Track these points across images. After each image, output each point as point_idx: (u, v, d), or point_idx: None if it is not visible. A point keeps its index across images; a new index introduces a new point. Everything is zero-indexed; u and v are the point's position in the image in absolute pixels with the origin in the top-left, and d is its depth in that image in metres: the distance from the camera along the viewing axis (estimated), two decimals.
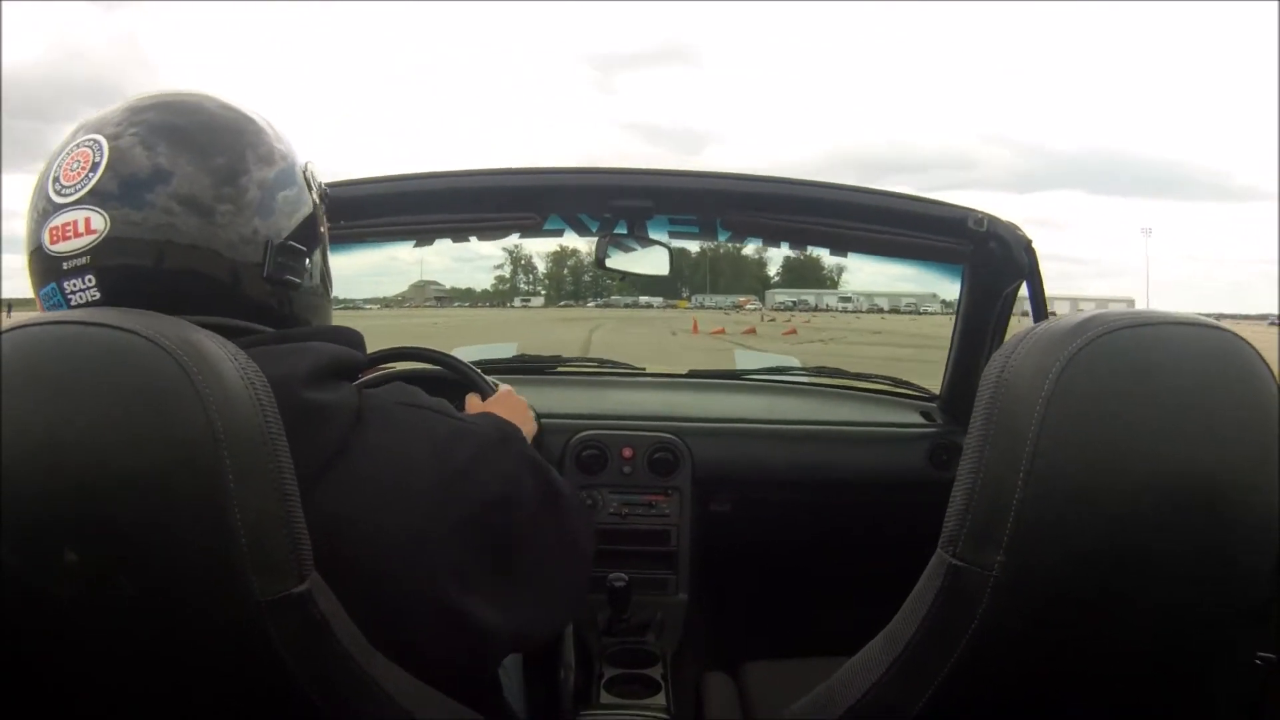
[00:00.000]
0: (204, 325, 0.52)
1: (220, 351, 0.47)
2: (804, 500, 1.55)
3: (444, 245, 1.42)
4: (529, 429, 0.90)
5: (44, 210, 0.56)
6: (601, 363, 1.94)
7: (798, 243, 1.40)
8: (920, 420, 1.64)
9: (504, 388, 1.02)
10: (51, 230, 0.56)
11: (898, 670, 0.56)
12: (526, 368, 1.85)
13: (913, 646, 0.55)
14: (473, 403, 0.98)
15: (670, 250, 1.37)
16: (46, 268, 0.56)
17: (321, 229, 0.68)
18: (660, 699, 1.17)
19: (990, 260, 1.31)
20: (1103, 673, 0.51)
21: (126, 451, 0.42)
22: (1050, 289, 1.29)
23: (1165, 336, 0.49)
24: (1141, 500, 0.47)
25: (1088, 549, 0.48)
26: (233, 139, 0.60)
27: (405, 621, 0.57)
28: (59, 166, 0.57)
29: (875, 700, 0.57)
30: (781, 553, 1.67)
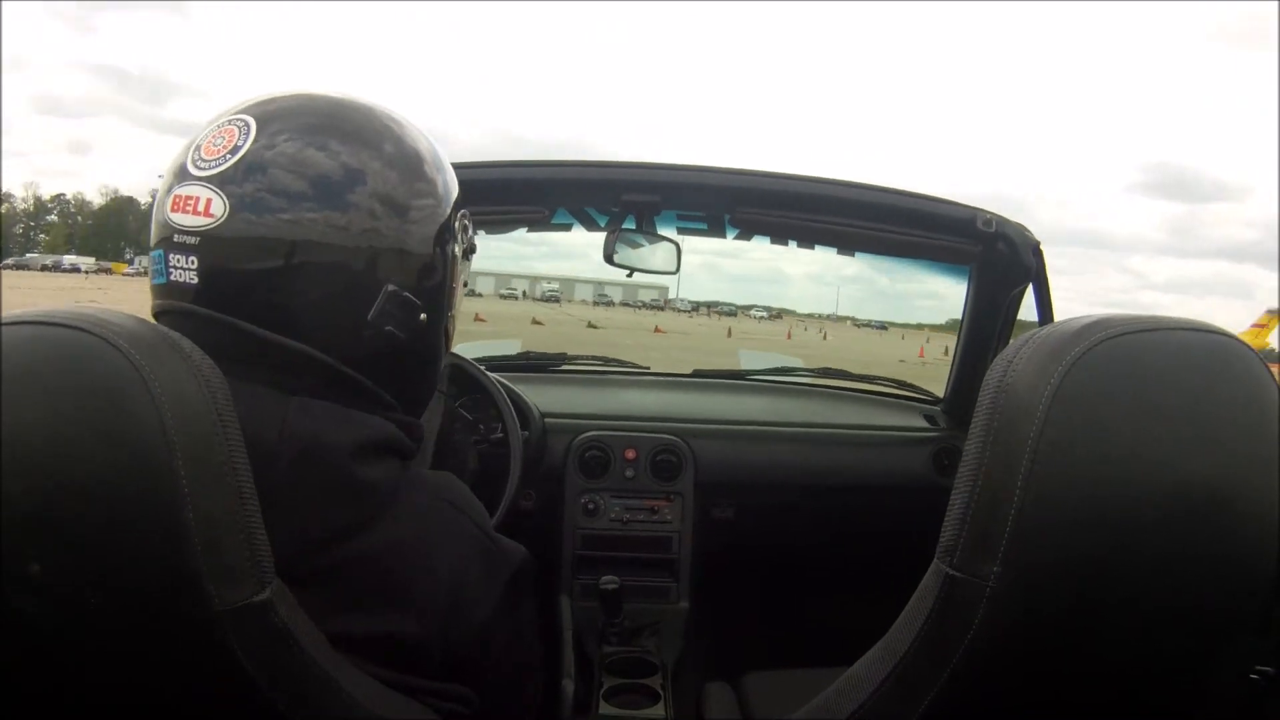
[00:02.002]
0: (272, 345, 0.54)
1: (176, 351, 0.46)
2: (806, 505, 1.54)
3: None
4: None
5: (175, 177, 0.56)
6: (606, 361, 1.93)
7: (805, 240, 1.39)
8: (924, 424, 1.63)
9: None
10: (175, 198, 0.55)
11: (895, 680, 0.55)
12: (530, 365, 1.84)
13: (909, 657, 0.54)
14: None
15: (679, 246, 1.36)
16: (161, 233, 0.56)
17: (453, 281, 0.63)
18: (659, 709, 1.15)
19: (997, 261, 1.30)
20: (1100, 683, 0.50)
21: (81, 452, 0.42)
22: None
23: (1167, 342, 0.48)
24: (1140, 510, 0.46)
25: (1085, 559, 0.47)
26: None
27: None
28: (204, 138, 0.56)
29: (873, 710, 0.57)
30: (783, 560, 1.66)
